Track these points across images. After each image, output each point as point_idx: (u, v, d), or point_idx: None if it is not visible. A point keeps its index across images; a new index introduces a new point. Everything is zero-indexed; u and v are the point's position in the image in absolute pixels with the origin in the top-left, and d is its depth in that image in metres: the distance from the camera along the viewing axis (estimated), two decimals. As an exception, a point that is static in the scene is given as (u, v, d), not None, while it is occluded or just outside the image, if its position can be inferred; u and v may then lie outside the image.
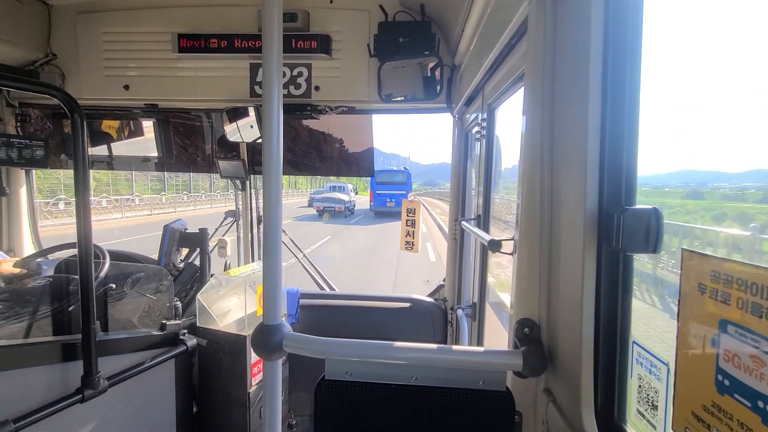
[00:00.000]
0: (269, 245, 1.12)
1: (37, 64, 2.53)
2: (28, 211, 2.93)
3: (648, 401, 0.71)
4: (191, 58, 2.43)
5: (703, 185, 1.32)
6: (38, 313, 1.96)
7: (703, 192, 1.31)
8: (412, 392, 1.00)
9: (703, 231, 1.43)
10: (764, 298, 0.47)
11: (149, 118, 2.81)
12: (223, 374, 2.29)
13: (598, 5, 0.75)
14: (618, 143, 0.75)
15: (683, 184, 1.33)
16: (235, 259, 3.18)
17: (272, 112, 1.10)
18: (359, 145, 3.03)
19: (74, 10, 2.49)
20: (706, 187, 1.31)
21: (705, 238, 1.41)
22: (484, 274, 2.06)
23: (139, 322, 2.27)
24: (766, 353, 0.47)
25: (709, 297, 0.55)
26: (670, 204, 1.37)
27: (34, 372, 1.62)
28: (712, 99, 0.93)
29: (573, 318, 0.83)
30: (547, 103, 0.93)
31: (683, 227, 1.47)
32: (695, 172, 1.30)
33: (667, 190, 1.30)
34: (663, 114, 0.90)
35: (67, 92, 1.61)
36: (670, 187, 1.30)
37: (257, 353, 1.11)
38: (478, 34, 1.71)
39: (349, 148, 3.03)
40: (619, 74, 0.75)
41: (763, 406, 0.47)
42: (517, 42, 1.25)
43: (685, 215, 1.45)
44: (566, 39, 0.87)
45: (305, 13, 2.35)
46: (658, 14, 0.77)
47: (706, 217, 1.39)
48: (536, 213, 0.96)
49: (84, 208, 1.65)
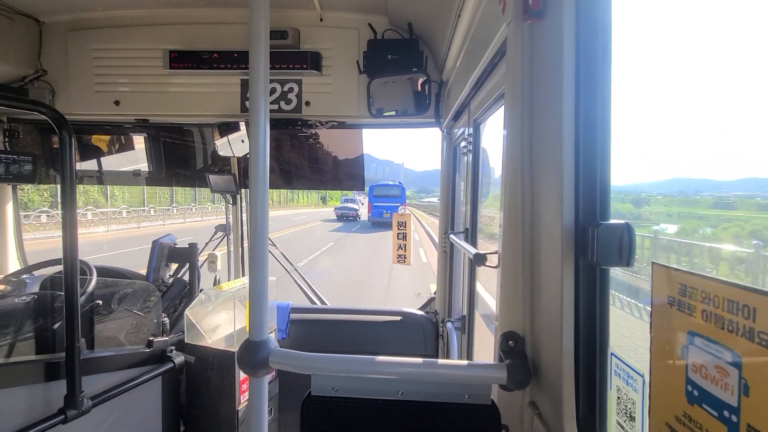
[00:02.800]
0: (256, 260, 1.12)
1: (27, 79, 2.53)
2: (13, 227, 2.89)
3: (626, 412, 0.72)
4: (182, 74, 2.46)
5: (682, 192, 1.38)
6: (21, 331, 1.92)
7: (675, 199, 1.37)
8: (399, 407, 1.00)
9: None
10: (725, 311, 0.49)
11: (140, 133, 2.82)
12: (212, 392, 2.25)
13: (570, 27, 0.79)
14: (592, 159, 0.78)
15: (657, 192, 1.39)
16: (226, 274, 3.16)
17: (259, 128, 1.12)
18: (350, 159, 3.06)
19: (66, 27, 2.51)
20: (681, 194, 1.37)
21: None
22: (472, 287, 2.07)
23: (125, 340, 2.23)
24: (730, 364, 0.49)
25: (677, 309, 0.57)
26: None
27: (15, 392, 1.58)
28: (678, 110, 0.96)
29: (554, 331, 0.84)
30: (526, 121, 0.96)
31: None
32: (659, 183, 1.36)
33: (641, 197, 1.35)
34: (635, 129, 0.93)
35: (56, 109, 1.62)
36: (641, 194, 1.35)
37: (243, 370, 1.10)
38: (463, 51, 1.76)
39: (340, 162, 3.05)
40: (591, 93, 0.78)
41: (728, 416, 0.49)
42: (499, 61, 1.30)
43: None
44: (542, 60, 0.90)
45: (296, 30, 2.40)
46: (628, 34, 0.80)
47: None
48: (518, 227, 0.98)
49: (70, 224, 1.64)
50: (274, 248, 3.12)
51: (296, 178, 3.11)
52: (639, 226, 4.53)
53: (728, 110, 26.95)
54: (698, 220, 3.64)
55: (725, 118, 26.10)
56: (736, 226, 5.24)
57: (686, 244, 4.91)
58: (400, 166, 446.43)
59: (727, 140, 23.15)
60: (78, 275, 1.66)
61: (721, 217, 6.27)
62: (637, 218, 4.16)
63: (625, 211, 2.93)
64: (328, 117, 2.55)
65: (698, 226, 3.95)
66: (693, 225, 3.68)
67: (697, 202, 4.80)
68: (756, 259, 4.11)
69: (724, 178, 13.17)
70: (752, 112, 16.99)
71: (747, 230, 4.70)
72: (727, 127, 29.11)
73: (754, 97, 19.77)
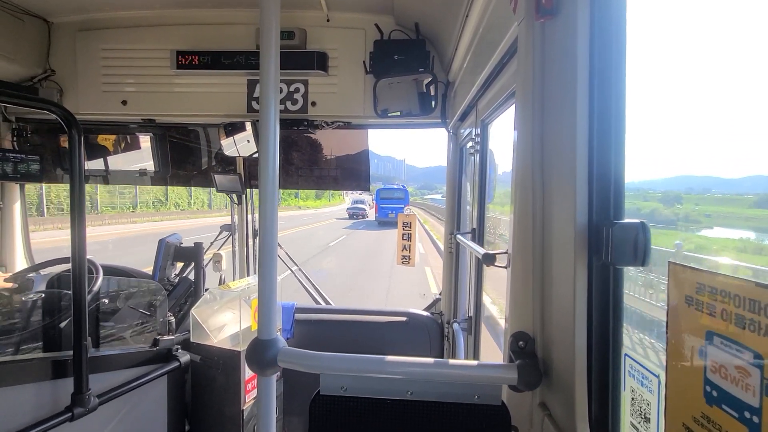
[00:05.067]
0: (265, 259, 1.12)
1: (36, 79, 2.55)
2: (21, 226, 2.91)
3: (641, 414, 0.71)
4: (189, 75, 2.47)
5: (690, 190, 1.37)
6: (29, 329, 1.93)
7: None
8: (407, 407, 1.00)
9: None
10: (747, 310, 0.48)
11: (146, 132, 2.83)
12: (217, 391, 2.25)
13: (584, 25, 0.79)
14: (606, 158, 0.77)
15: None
16: (231, 274, 3.16)
17: (269, 128, 1.12)
18: (355, 160, 3.06)
19: (74, 28, 2.53)
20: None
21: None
22: (479, 287, 2.06)
23: (131, 338, 2.24)
24: (751, 364, 0.48)
25: (696, 309, 0.56)
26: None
27: (23, 390, 1.59)
28: (693, 108, 0.96)
29: (566, 331, 0.84)
30: (538, 120, 0.95)
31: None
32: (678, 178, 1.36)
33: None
34: (650, 128, 0.93)
35: (65, 108, 1.63)
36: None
37: (252, 369, 1.10)
38: (470, 52, 1.76)
39: (345, 163, 3.06)
40: (605, 91, 0.77)
41: (749, 417, 0.48)
42: (508, 60, 1.29)
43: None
44: (555, 58, 0.90)
45: (302, 31, 2.40)
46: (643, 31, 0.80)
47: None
48: (528, 226, 0.98)
49: (79, 223, 1.65)
50: (280, 249, 3.12)
51: (302, 178, 3.12)
52: (684, 228, 4.12)
53: (742, 107, 25.86)
54: (745, 220, 3.34)
55: (737, 116, 25.29)
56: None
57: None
58: (402, 162, 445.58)
59: (734, 137, 22.51)
60: (86, 273, 1.66)
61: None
62: (671, 220, 3.70)
63: (647, 210, 2.63)
64: (334, 117, 2.55)
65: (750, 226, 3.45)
66: (746, 225, 3.26)
67: (734, 200, 4.49)
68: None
69: (731, 176, 12.90)
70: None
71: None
72: (736, 124, 28.30)
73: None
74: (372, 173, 3.13)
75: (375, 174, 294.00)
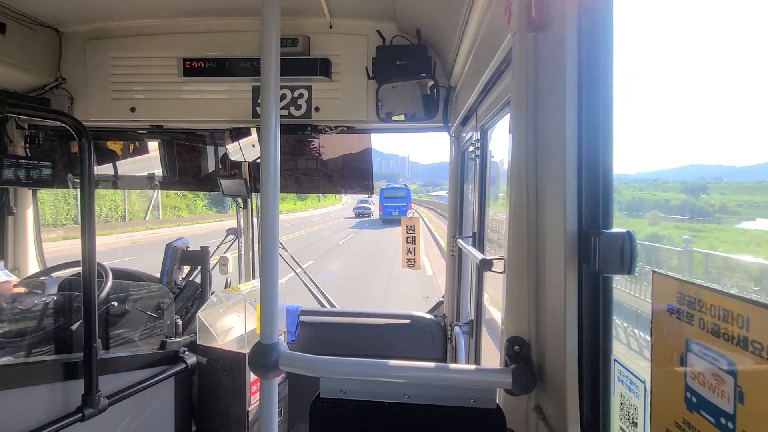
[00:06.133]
0: (267, 263, 1.15)
1: (48, 88, 2.62)
2: (33, 230, 2.98)
3: (629, 418, 0.73)
4: (196, 81, 2.52)
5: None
6: (41, 331, 1.99)
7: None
8: (405, 410, 1.02)
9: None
10: (721, 320, 0.50)
11: (154, 138, 2.89)
12: (223, 392, 2.29)
13: (572, 39, 0.81)
14: (594, 168, 0.79)
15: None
16: (237, 277, 3.21)
17: (270, 133, 1.15)
18: (359, 164, 3.09)
19: (85, 37, 2.60)
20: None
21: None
22: (480, 291, 2.08)
23: (140, 340, 2.29)
24: (725, 372, 0.50)
25: (677, 317, 0.58)
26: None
27: (35, 391, 1.64)
28: (692, 101, 0.96)
29: (558, 336, 0.86)
30: (531, 128, 0.97)
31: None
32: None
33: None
34: (651, 121, 0.94)
35: (76, 118, 1.68)
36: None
37: (254, 372, 1.13)
38: (470, 58, 1.78)
39: (349, 167, 3.09)
40: (593, 104, 0.79)
41: (725, 423, 0.50)
42: (505, 68, 1.31)
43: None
44: (546, 70, 0.92)
45: (306, 38, 2.44)
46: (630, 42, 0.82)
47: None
48: (523, 234, 1.00)
49: (89, 228, 1.70)
50: (284, 251, 3.16)
51: (307, 182, 3.16)
52: (721, 220, 3.80)
53: (741, 99, 25.87)
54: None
55: (738, 107, 25.17)
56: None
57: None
58: (406, 159, 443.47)
59: (739, 127, 22.24)
60: (95, 277, 1.71)
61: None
62: (707, 212, 3.40)
63: (676, 202, 2.47)
64: (337, 122, 2.58)
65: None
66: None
67: (757, 188, 4.25)
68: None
69: (742, 164, 12.57)
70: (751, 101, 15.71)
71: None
72: (739, 115, 28.07)
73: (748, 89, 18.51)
74: (375, 171, 3.16)
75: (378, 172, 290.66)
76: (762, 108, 14.38)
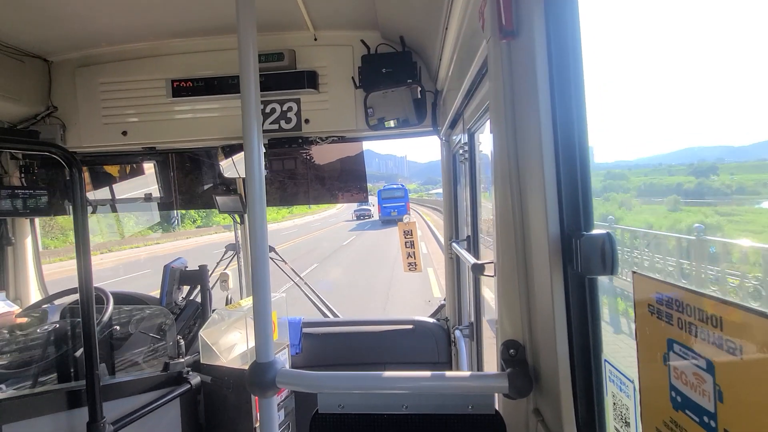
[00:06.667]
0: (258, 281, 1.15)
1: (39, 117, 2.64)
2: (33, 258, 3.00)
3: (622, 418, 0.73)
4: (185, 101, 2.54)
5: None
6: (44, 360, 1.99)
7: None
8: (404, 421, 1.02)
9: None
10: (697, 319, 0.50)
11: (148, 160, 2.91)
12: (229, 410, 2.29)
13: (542, 44, 0.82)
14: (572, 170, 0.80)
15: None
16: (238, 293, 3.21)
17: (252, 148, 1.14)
18: (352, 172, 3.10)
19: (73, 65, 2.62)
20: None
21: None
22: (478, 294, 2.08)
23: (144, 362, 2.29)
24: (704, 370, 0.50)
25: (657, 317, 0.58)
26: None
27: (39, 422, 1.64)
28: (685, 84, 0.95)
29: (550, 339, 0.86)
30: (510, 133, 0.98)
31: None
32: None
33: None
34: (632, 126, 0.95)
35: (65, 148, 1.70)
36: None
37: (252, 392, 1.13)
38: (453, 62, 1.79)
39: (342, 176, 3.10)
40: (566, 106, 0.80)
41: (708, 421, 0.50)
42: (485, 74, 1.32)
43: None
44: (520, 76, 0.93)
45: (291, 51, 2.46)
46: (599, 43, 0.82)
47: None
48: (510, 237, 1.00)
49: (84, 254, 1.71)
50: (283, 263, 3.16)
51: (301, 194, 3.17)
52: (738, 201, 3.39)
53: (715, 86, 25.61)
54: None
55: (715, 91, 24.84)
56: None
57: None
58: (403, 159, 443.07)
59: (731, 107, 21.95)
60: (93, 304, 1.72)
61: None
62: (725, 194, 2.93)
63: (690, 185, 2.19)
64: (328, 132, 2.60)
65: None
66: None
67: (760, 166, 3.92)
68: None
69: (740, 143, 12.36)
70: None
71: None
72: (719, 97, 27.76)
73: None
74: (374, 172, 3.18)
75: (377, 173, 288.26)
76: (755, 86, 14.15)
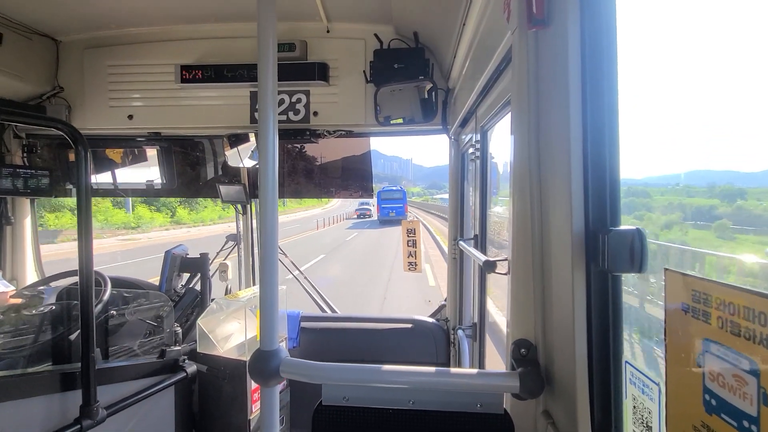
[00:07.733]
0: (266, 269, 1.13)
1: (45, 96, 2.61)
2: (31, 240, 2.96)
3: (643, 422, 0.71)
4: (194, 88, 2.51)
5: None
6: (39, 341, 1.96)
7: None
8: (410, 417, 0.99)
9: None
10: (742, 318, 0.48)
11: (153, 146, 2.88)
12: (224, 401, 2.26)
13: (575, 34, 0.79)
14: (600, 165, 0.77)
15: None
16: (237, 283, 3.18)
17: (267, 139, 1.13)
18: (358, 167, 3.08)
19: (82, 45, 2.59)
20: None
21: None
22: (483, 294, 2.05)
23: (140, 349, 2.26)
24: (747, 372, 0.48)
25: (692, 316, 0.56)
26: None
27: (32, 402, 1.61)
28: (685, 108, 0.97)
29: (567, 338, 0.83)
30: (533, 128, 0.96)
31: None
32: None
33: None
34: (645, 134, 0.93)
35: (73, 125, 1.67)
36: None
37: (254, 380, 1.11)
38: (468, 59, 1.77)
39: (348, 170, 3.08)
40: (597, 99, 0.77)
41: (748, 426, 0.48)
42: (505, 68, 1.30)
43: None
44: (548, 67, 0.91)
45: (303, 42, 2.44)
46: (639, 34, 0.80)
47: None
48: (528, 234, 0.98)
49: (86, 236, 1.68)
50: (284, 257, 3.14)
51: (306, 187, 3.14)
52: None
53: (746, 102, 25.93)
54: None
55: (742, 110, 25.22)
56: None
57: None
58: (409, 162, 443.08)
59: (742, 131, 22.32)
60: (93, 287, 1.69)
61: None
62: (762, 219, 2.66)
63: (703, 207, 2.09)
64: (336, 126, 2.57)
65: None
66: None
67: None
68: None
69: (749, 170, 12.62)
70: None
71: None
72: (742, 119, 28.22)
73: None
74: (378, 173, 3.17)
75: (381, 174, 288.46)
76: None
